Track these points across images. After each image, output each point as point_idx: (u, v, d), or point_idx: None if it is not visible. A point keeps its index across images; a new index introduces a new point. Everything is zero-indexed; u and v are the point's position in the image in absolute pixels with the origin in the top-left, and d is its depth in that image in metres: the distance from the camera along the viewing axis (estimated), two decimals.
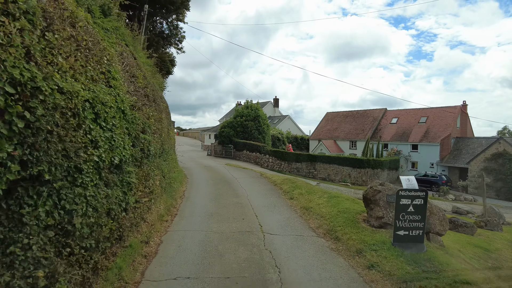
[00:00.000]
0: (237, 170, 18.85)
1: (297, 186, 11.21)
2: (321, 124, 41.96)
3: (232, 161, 27.32)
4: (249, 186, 12.49)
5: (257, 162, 27.13)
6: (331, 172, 25.14)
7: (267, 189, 11.85)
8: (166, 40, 29.02)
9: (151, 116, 7.29)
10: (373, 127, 36.37)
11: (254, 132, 30.37)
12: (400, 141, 33.37)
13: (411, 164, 32.75)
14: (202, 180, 14.13)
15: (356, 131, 37.39)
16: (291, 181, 12.71)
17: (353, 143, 37.08)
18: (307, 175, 25.33)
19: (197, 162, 24.67)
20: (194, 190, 11.39)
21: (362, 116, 38.94)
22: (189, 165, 21.83)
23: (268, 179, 14.30)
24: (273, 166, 26.18)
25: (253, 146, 27.76)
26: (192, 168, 19.53)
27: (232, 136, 30.22)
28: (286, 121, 47.14)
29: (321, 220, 7.15)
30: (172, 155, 13.13)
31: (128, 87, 6.25)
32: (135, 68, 7.20)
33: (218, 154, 31.55)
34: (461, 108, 32.44)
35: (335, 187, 22.26)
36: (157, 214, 7.04)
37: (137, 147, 5.89)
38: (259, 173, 17.07)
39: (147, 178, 6.73)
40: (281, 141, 38.24)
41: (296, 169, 25.61)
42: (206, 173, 16.99)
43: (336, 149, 37.38)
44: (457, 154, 30.11)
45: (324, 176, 25.20)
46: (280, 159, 26.01)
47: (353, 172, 25.04)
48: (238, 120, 30.72)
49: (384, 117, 37.19)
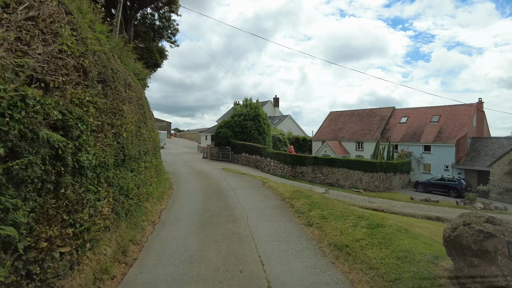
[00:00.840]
0: (235, 177, 15.86)
1: (314, 204, 8.22)
2: (325, 124, 39.04)
3: (229, 164, 24.32)
4: (250, 201, 9.51)
5: (257, 166, 24.14)
6: (340, 177, 22.19)
7: (273, 206, 8.86)
8: (157, 33, 26.00)
9: (87, 102, 4.32)
10: (381, 126, 33.49)
11: (254, 132, 27.39)
12: (411, 142, 30.49)
13: (423, 166, 29.87)
14: (190, 192, 11.14)
15: (363, 131, 34.50)
16: (303, 194, 9.74)
17: (359, 144, 34.18)
18: (313, 180, 22.37)
19: (190, 166, 21.66)
20: (176, 210, 8.38)
21: (368, 115, 36.06)
22: (180, 170, 18.81)
23: (273, 190, 11.32)
24: (275, 170, 23.20)
25: (252, 148, 24.77)
26: (182, 175, 16.53)
27: (230, 137, 27.23)
28: (287, 121, 44.21)
29: (374, 278, 4.17)
30: (152, 162, 10.19)
31: (32, 46, 3.31)
32: (62, 23, 4.22)
33: (215, 156, 28.53)
34: (477, 105, 29.60)
35: (347, 194, 19.32)
36: (94, 269, 4.05)
37: (32, 155, 2.93)
38: (260, 181, 14.08)
39: (72, 208, 3.76)
40: (282, 142, 35.32)
41: (300, 174, 22.64)
42: (198, 181, 13.99)
43: (341, 150, 34.46)
44: (475, 155, 27.23)
45: (332, 181, 22.24)
46: (283, 162, 23.03)
47: (364, 177, 22.10)
48: (236, 120, 27.74)
49: (392, 116, 34.32)
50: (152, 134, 11.21)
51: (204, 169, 19.81)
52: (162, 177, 13.15)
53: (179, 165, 22.03)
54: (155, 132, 12.65)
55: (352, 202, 17.59)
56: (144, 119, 9.00)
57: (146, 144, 8.80)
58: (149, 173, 8.87)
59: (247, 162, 25.12)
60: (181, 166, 21.71)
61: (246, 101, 29.40)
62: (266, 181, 13.68)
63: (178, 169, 19.50)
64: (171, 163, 23.85)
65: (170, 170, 18.42)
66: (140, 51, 20.34)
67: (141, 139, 8.26)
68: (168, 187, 11.99)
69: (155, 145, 12.19)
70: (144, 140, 8.56)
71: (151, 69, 19.66)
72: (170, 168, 19.91)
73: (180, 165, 22.53)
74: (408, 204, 18.23)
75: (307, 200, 8.70)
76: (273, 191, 11.07)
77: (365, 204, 17.84)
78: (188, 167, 21.13)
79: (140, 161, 7.91)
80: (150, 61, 19.45)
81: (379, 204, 18.07)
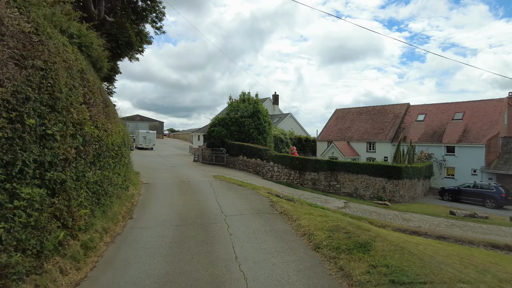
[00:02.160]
0: (230, 191, 11.37)
1: (397, 269, 3.84)
2: (331, 123, 34.73)
3: (224, 170, 19.82)
4: (257, 256, 4.99)
5: (257, 172, 19.69)
6: (360, 185, 17.85)
7: (304, 274, 4.42)
8: (139, 15, 21.35)
9: None
10: (395, 125, 29.29)
11: (253, 131, 22.94)
12: (431, 142, 26.32)
13: (445, 170, 25.71)
14: (155, 228, 6.63)
15: (374, 131, 30.27)
16: (352, 235, 5.31)
17: (371, 145, 29.93)
18: (326, 189, 18.01)
19: (175, 172, 17.12)
20: None
21: (380, 113, 31.85)
22: (160, 179, 14.27)
23: (292, 223, 6.83)
24: (279, 177, 18.80)
25: (252, 150, 20.31)
26: (159, 187, 12.01)
27: (225, 137, 22.74)
28: (288, 119, 39.82)
29: None
30: (103, 174, 5.73)
31: None
32: None
33: (207, 160, 24.00)
34: (507, 100, 25.53)
35: (372, 208, 14.97)
36: None
37: None
38: (267, 200, 9.58)
39: None
40: (284, 143, 30.95)
41: (311, 181, 18.26)
42: (175, 201, 9.47)
43: (351, 152, 30.19)
44: (509, 158, 23.13)
45: (350, 190, 17.89)
46: (289, 167, 18.63)
47: (388, 185, 17.80)
48: (232, 117, 23.25)
49: (407, 114, 30.15)
50: (103, 133, 6.69)
51: (191, 177, 15.29)
52: (124, 196, 8.66)
53: (162, 172, 17.49)
54: (110, 123, 8.14)
55: (383, 221, 13.26)
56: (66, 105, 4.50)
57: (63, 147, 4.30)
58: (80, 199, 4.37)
59: (245, 166, 20.66)
60: (164, 172, 17.17)
61: (244, 95, 24.95)
62: (276, 201, 9.18)
63: (158, 177, 14.97)
64: (153, 168, 19.29)
65: (147, 179, 13.90)
66: (109, 26, 15.78)
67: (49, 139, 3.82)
68: (124, 213, 7.47)
69: (119, 146, 7.68)
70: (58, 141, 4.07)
71: (121, 49, 15.14)
72: (149, 175, 15.39)
73: (163, 171, 17.99)
74: (453, 223, 13.94)
75: (373, 259, 4.28)
76: (292, 225, 6.61)
77: (400, 224, 13.49)
78: (172, 174, 16.59)
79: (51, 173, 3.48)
80: (121, 39, 14.92)
81: (416, 222, 13.76)
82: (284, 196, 13.18)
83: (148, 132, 39.06)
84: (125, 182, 9.45)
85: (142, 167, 19.56)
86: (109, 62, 15.98)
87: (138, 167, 18.96)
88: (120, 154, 8.69)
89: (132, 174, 13.94)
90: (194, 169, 19.35)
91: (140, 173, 16.05)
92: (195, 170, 18.79)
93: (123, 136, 9.79)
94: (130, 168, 13.60)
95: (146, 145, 37.62)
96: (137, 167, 19.24)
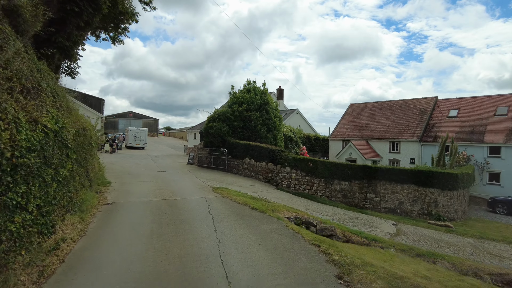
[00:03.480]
0: (242, 225, 6.71)
1: None
2: (345, 119, 30.20)
3: (225, 176, 15.21)
4: None
5: (269, 179, 15.10)
6: (405, 198, 13.36)
7: None
8: None
9: None
10: (423, 122, 24.84)
11: (261, 128, 18.37)
12: (470, 142, 21.90)
13: (487, 175, 21.32)
14: None
15: (398, 128, 25.80)
16: None
17: (394, 145, 25.46)
18: (362, 203, 13.50)
19: (161, 182, 12.45)
20: None
21: (402, 108, 27.39)
22: (138, 192, 9.61)
23: None
24: (298, 187, 14.25)
25: (262, 152, 15.69)
26: (127, 212, 7.35)
27: (226, 135, 18.12)
28: (295, 116, 35.28)
29: None
30: None
31: None
32: None
33: (204, 162, 19.39)
34: None
35: (435, 234, 10.45)
36: None
37: None
38: (322, 256, 4.98)
39: None
40: (294, 142, 26.41)
41: (341, 193, 13.73)
42: (143, 254, 4.86)
43: (371, 153, 25.73)
44: None
45: (393, 205, 13.39)
46: (310, 174, 14.07)
47: (441, 197, 13.34)
48: (235, 110, 18.65)
49: (436, 109, 25.71)
50: None
51: (181, 190, 10.67)
52: (35, 250, 4.07)
53: (144, 180, 12.87)
54: None
55: (463, 258, 8.79)
56: None
57: None
58: None
59: (252, 172, 16.06)
60: (146, 181, 12.54)
61: (249, 85, 20.33)
62: (345, 263, 4.56)
63: (135, 190, 10.34)
64: (135, 174, 14.66)
65: (116, 195, 9.31)
66: None
67: None
68: None
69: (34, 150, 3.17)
70: None
71: (84, 12, 10.40)
72: (122, 188, 10.77)
73: (147, 179, 13.37)
74: None
75: None
76: None
77: (491, 265, 8.96)
78: (156, 184, 11.97)
79: None
80: None
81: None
82: (320, 223, 8.63)
83: (139, 129, 34.32)
84: (49, 217, 4.83)
85: (121, 172, 14.92)
86: (69, 32, 11.32)
87: (115, 173, 14.30)
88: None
89: (98, 184, 9.23)
90: (187, 176, 14.73)
91: (111, 183, 11.45)
92: (188, 178, 14.18)
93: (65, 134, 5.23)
94: (94, 177, 8.93)
95: (136, 144, 32.90)
96: (113, 172, 14.57)
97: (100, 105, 36.54)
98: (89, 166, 9.39)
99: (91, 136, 10.16)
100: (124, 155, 25.99)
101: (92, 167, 10.17)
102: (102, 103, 37.40)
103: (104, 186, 10.95)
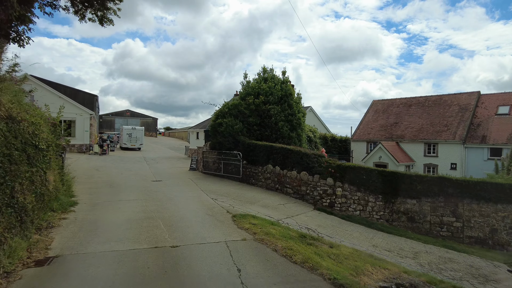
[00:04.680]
0: None
1: None
2: (369, 117, 26.18)
3: (241, 190, 11.13)
4: None
5: (302, 195, 10.98)
6: (498, 224, 9.33)
7: None
8: None
9: None
10: (465, 120, 20.87)
11: (283, 126, 14.35)
12: None
13: None
14: None
15: (435, 128, 21.83)
16: None
17: (431, 147, 21.47)
18: (434, 230, 9.45)
19: (153, 202, 8.33)
20: None
21: (437, 105, 23.41)
22: (111, 229, 5.51)
23: None
24: (346, 207, 10.18)
25: (291, 156, 11.56)
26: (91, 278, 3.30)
27: (239, 133, 14.03)
28: (308, 114, 31.12)
29: None
30: None
31: None
32: None
33: (211, 169, 15.30)
34: None
35: None
36: None
37: None
38: None
39: None
40: (313, 143, 22.43)
41: (405, 216, 9.68)
42: None
43: (404, 157, 21.73)
44: None
45: (482, 233, 9.35)
46: (364, 189, 10.01)
47: None
48: (250, 103, 14.59)
49: (479, 105, 21.76)
50: None
51: (183, 220, 6.60)
52: None
53: (129, 197, 8.80)
54: None
55: None
56: None
57: None
58: None
59: (278, 184, 11.95)
60: (132, 200, 8.46)
61: (265, 72, 16.28)
62: None
63: (110, 219, 6.26)
64: (119, 187, 10.54)
65: (79, 230, 5.12)
66: None
67: None
68: None
69: None
70: None
71: None
72: (89, 216, 6.60)
73: (133, 196, 9.27)
74: None
75: None
76: None
77: None
78: (146, 205, 7.89)
79: None
80: None
81: None
82: None
83: (134, 128, 30.20)
84: None
85: (101, 184, 10.83)
86: None
87: (91, 185, 10.22)
88: None
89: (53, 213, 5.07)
90: (190, 190, 10.65)
91: (77, 204, 7.43)
92: (193, 194, 10.11)
93: None
94: (44, 198, 4.76)
95: (131, 145, 28.77)
96: (90, 183, 10.46)
97: (93, 102, 32.38)
98: (27, 185, 5.32)
99: (36, 133, 6.10)
100: (115, 157, 21.89)
101: (41, 183, 6.11)
102: (95, 100, 33.20)
103: (63, 210, 6.89)
